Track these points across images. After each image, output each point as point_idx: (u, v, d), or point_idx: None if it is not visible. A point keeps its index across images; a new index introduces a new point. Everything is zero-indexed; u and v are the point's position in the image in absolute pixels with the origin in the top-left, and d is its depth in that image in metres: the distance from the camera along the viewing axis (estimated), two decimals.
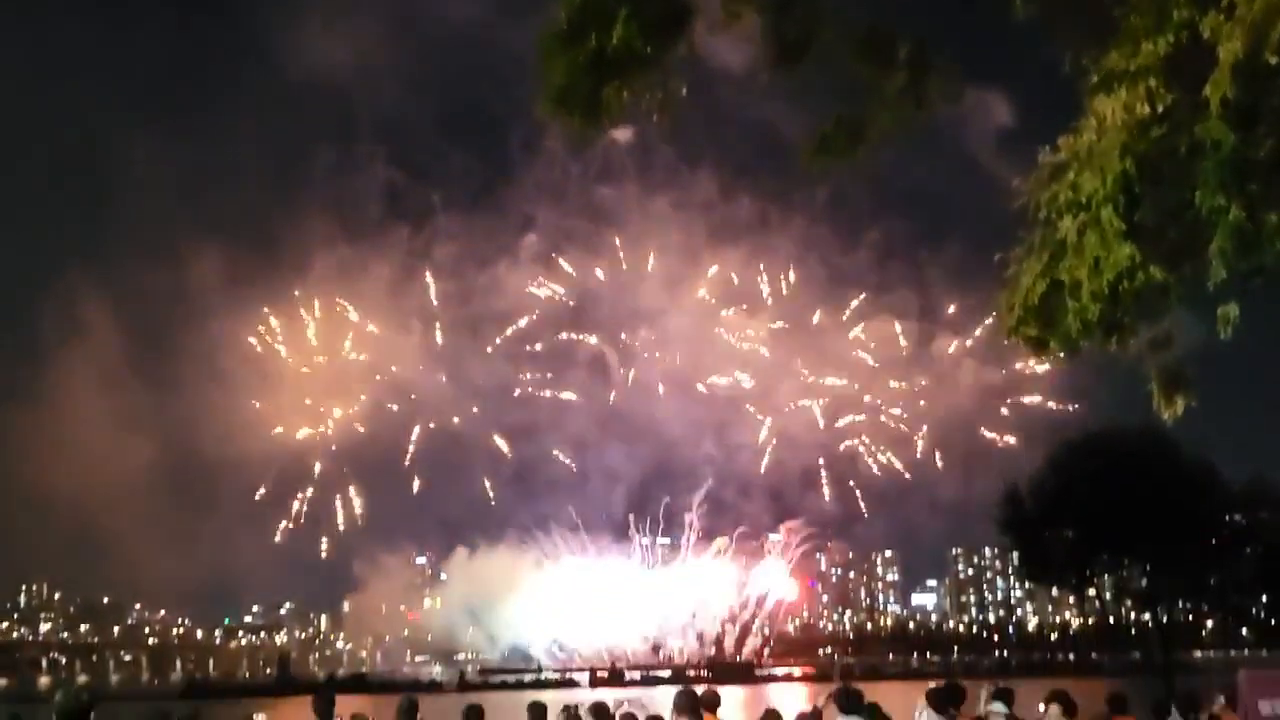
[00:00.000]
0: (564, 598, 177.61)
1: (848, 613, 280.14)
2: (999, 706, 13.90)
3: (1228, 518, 49.78)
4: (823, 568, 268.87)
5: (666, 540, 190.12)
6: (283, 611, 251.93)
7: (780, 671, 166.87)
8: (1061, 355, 8.35)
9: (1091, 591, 59.44)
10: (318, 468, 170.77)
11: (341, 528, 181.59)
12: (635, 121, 8.38)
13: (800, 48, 8.35)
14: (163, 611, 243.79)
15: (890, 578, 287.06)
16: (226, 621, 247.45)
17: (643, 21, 7.48)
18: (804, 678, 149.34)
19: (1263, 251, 7.42)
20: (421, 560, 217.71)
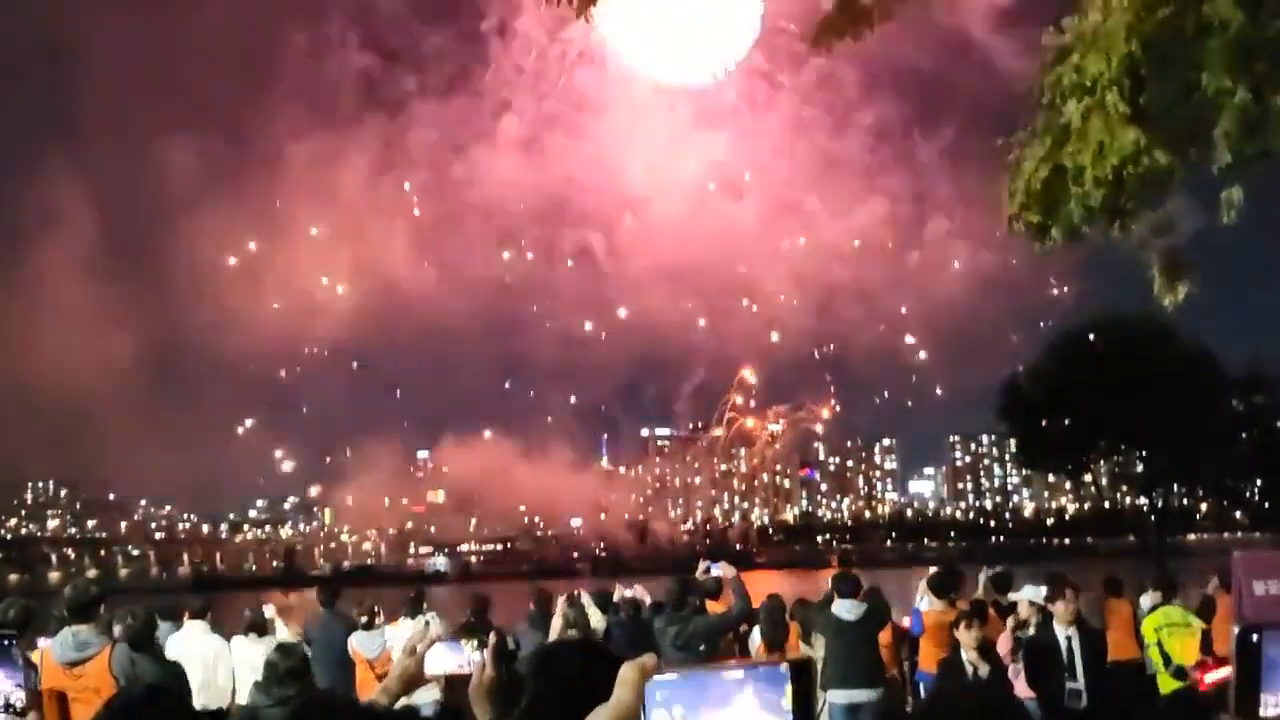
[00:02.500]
0: (551, 486, 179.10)
1: (845, 500, 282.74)
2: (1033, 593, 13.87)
3: (1224, 403, 50.07)
4: (821, 456, 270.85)
5: (668, 430, 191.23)
6: (286, 506, 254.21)
7: (777, 558, 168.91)
8: (1062, 241, 8.27)
9: (1088, 477, 60.00)
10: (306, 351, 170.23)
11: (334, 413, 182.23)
12: None
13: None
14: (169, 508, 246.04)
15: (888, 465, 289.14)
16: (231, 517, 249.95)
17: None
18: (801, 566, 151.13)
19: (1268, 134, 7.33)
20: (424, 454, 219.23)
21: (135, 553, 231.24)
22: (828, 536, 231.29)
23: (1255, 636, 4.33)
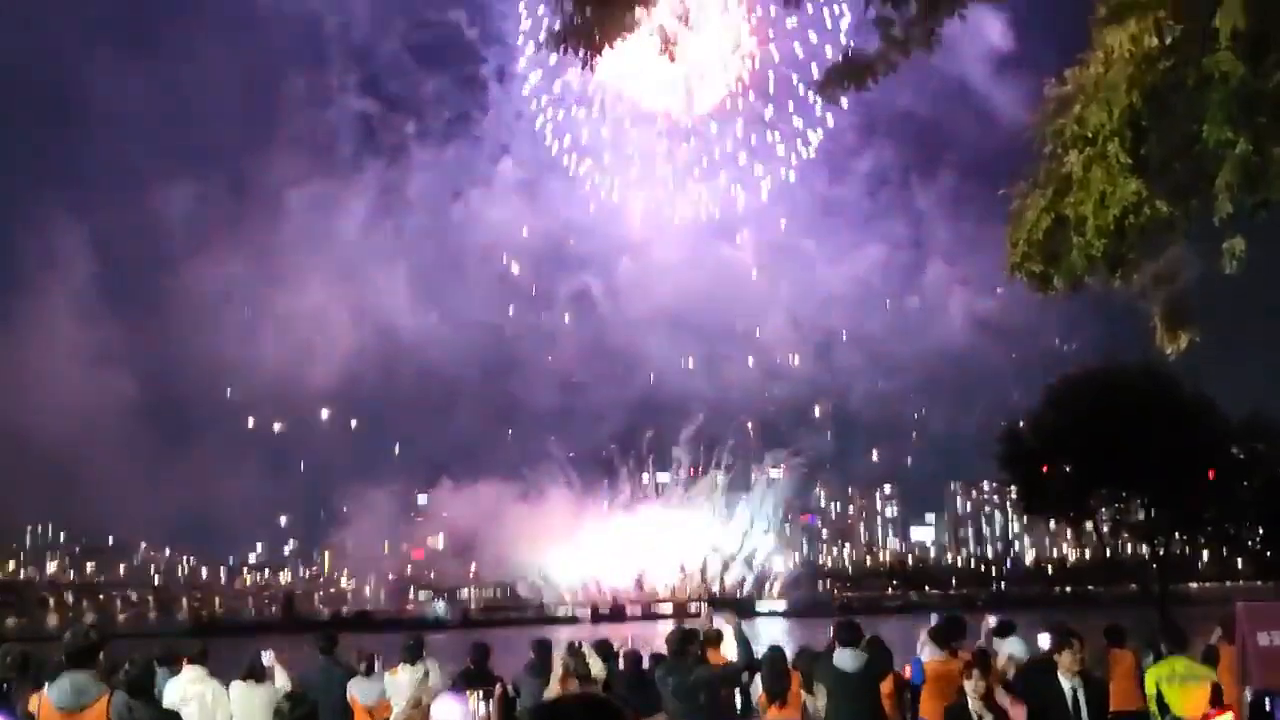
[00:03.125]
0: (550, 532, 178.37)
1: (846, 546, 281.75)
2: (1017, 646, 13.91)
3: (1226, 450, 49.98)
4: (821, 503, 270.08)
5: (666, 476, 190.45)
6: (286, 551, 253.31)
7: (780, 606, 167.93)
8: (1064, 290, 8.28)
9: (1089, 525, 59.75)
10: (301, 403, 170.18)
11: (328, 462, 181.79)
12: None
13: None
14: (168, 551, 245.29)
15: (889, 512, 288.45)
16: (230, 561, 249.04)
17: None
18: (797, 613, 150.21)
19: (1269, 185, 7.36)
20: (423, 499, 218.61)
21: (134, 597, 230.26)
22: (829, 583, 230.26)
23: (1268, 703, 4.31)
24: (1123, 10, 7.17)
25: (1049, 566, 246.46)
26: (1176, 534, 55.14)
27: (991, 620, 15.27)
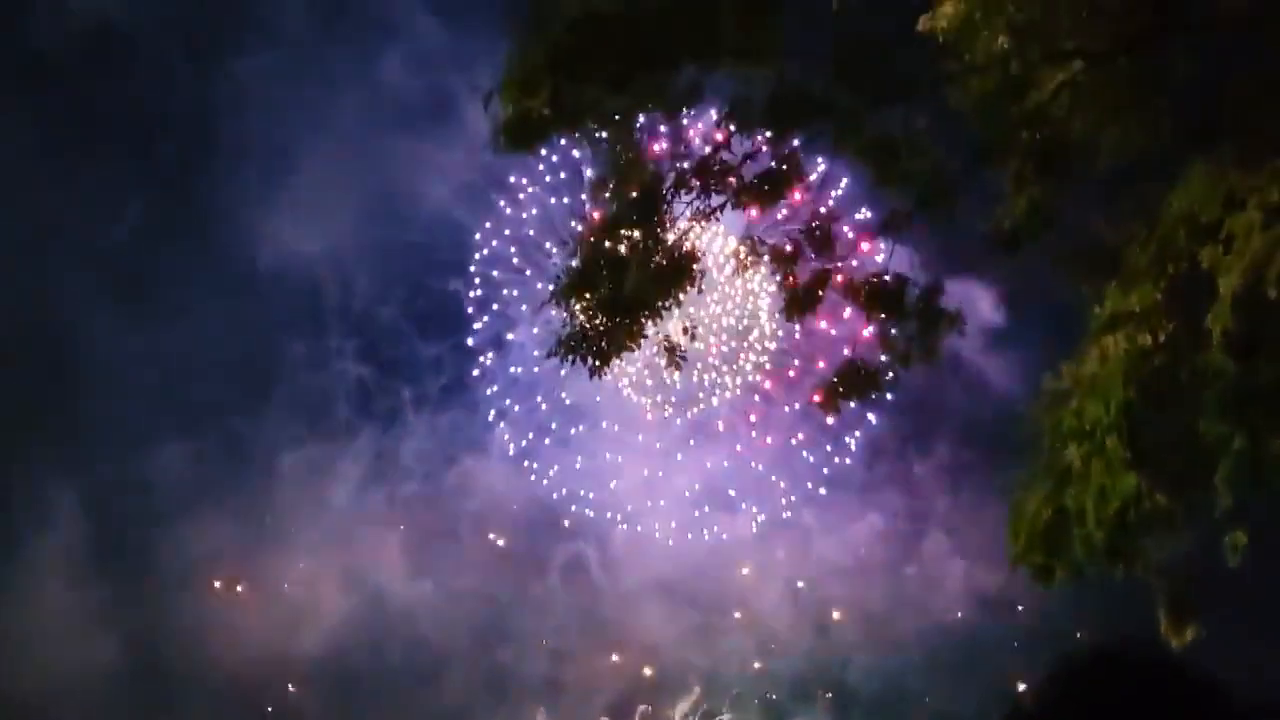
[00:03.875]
0: None
1: None
2: None
3: None
4: None
5: None
6: None
7: None
8: (1066, 580, 8.17)
9: None
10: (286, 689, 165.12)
11: None
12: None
13: (811, 298, 8.48)
14: None
15: None
16: None
17: (655, 268, 7.62)
18: None
19: (1268, 479, 7.34)
20: None
21: None
22: None
23: None
24: (1119, 320, 7.30)
25: None
26: None
27: None
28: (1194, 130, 7.87)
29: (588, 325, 7.72)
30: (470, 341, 53.13)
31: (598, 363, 7.83)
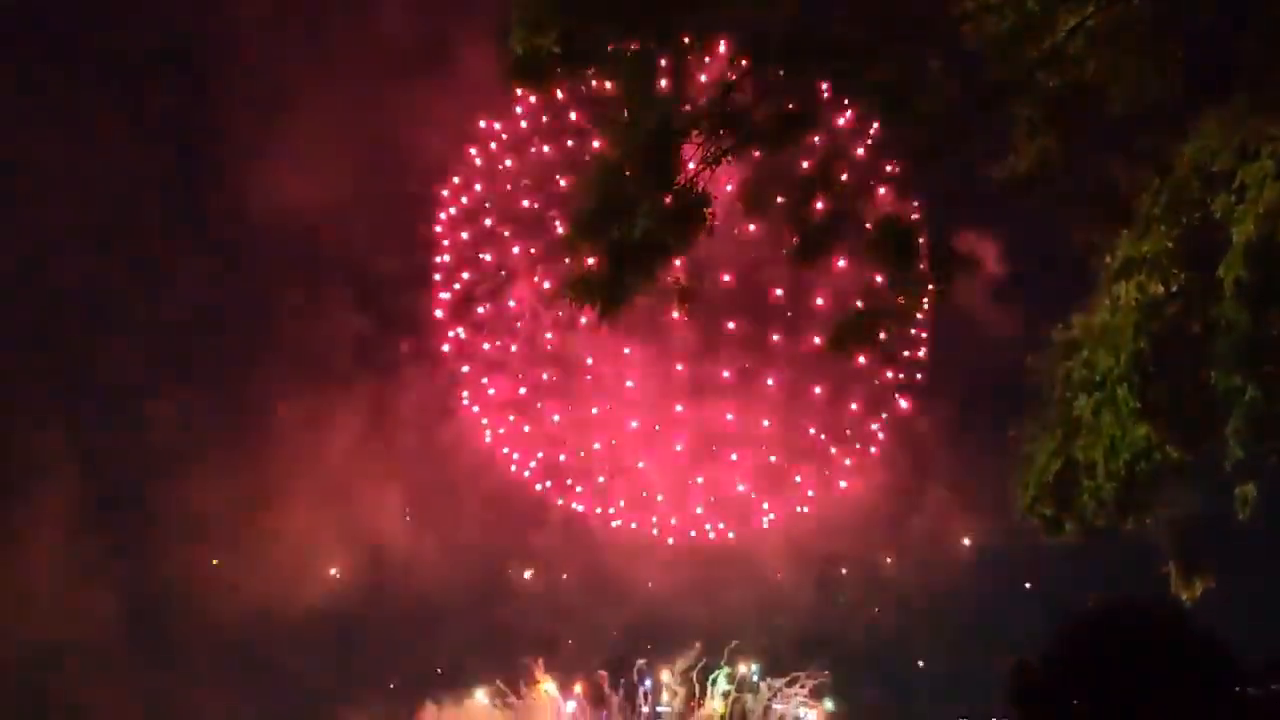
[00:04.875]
0: None
1: None
2: None
3: (1239, 691, 48.56)
4: None
5: (668, 708, 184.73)
6: None
7: None
8: (1076, 534, 8.14)
9: None
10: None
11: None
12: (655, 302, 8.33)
13: (823, 239, 8.38)
14: None
15: None
16: None
17: (663, 213, 7.50)
18: None
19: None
20: None
21: None
22: None
23: None
24: (1132, 266, 7.23)
25: None
26: None
27: None
28: (1208, 79, 7.77)
29: (596, 270, 7.62)
30: (458, 289, 51.86)
31: (608, 307, 7.73)
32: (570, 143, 42.66)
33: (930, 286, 8.23)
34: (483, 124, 44.76)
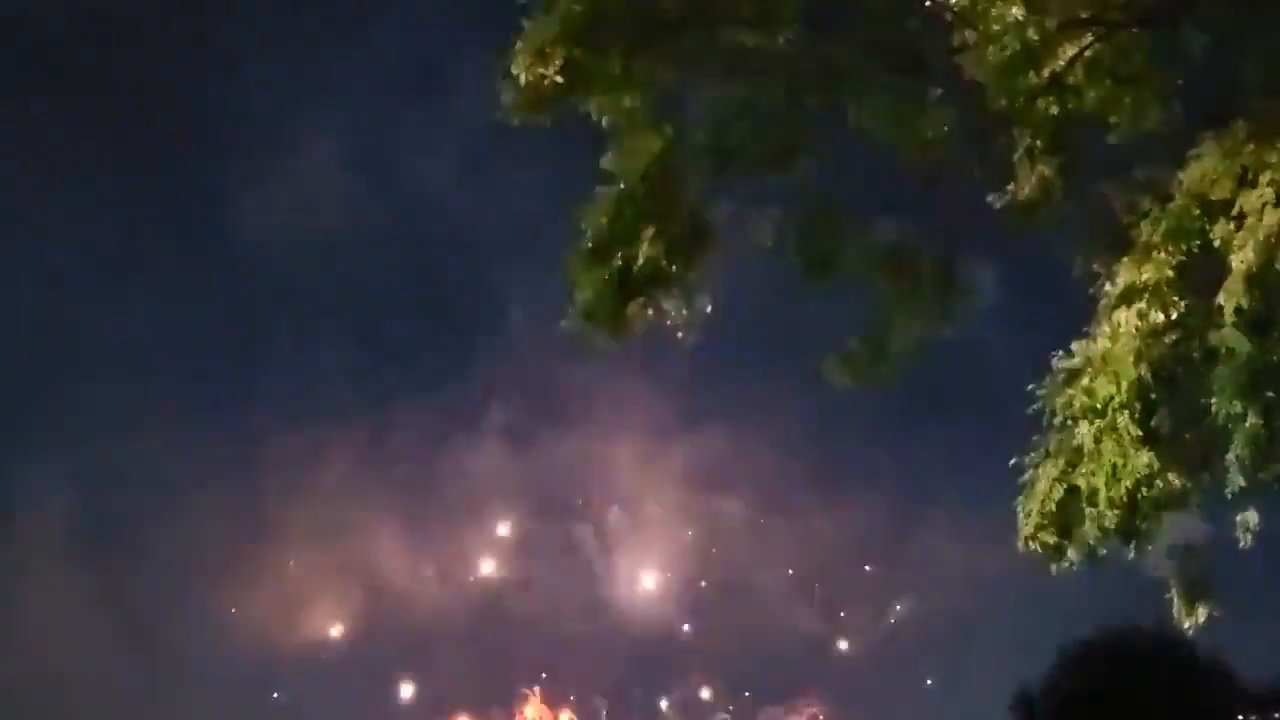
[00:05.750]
0: None
1: None
2: None
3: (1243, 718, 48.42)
4: None
5: None
6: None
7: None
8: (1078, 562, 8.12)
9: None
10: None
11: None
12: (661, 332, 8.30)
13: (826, 263, 8.39)
14: None
15: None
16: None
17: (668, 241, 7.50)
18: None
19: None
20: None
21: None
22: None
23: None
24: (1133, 294, 7.26)
25: None
26: None
27: None
28: (1207, 106, 7.83)
29: (598, 301, 7.61)
30: (462, 319, 51.99)
31: (610, 339, 7.72)
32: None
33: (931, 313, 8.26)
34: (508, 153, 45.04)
